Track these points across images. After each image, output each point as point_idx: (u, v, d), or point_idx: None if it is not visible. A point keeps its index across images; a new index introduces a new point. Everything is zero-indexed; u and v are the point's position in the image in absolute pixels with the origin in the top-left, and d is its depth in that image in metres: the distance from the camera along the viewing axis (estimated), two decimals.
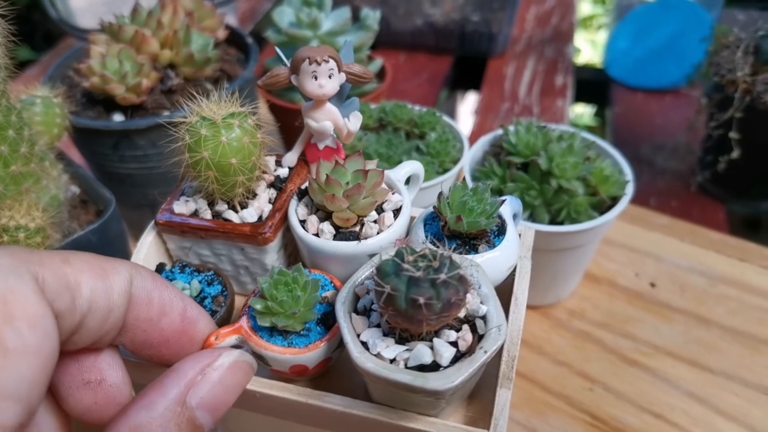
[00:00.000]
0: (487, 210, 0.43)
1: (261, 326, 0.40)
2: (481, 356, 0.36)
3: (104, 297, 0.30)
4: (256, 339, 0.40)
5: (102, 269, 0.31)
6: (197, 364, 0.33)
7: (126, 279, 0.32)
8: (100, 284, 0.30)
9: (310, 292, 0.40)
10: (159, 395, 0.31)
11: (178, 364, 0.33)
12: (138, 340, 0.34)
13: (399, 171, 0.49)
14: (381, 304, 0.35)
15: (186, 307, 0.36)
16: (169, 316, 0.34)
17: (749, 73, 0.84)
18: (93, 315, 0.30)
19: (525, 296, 0.44)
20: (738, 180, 0.92)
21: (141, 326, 0.33)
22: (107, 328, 0.31)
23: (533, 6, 1.49)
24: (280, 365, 0.40)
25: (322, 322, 0.41)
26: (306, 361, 0.40)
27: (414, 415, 0.38)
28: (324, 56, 0.43)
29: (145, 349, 0.35)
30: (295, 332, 0.40)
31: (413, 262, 0.35)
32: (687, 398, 0.66)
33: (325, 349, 0.40)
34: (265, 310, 0.39)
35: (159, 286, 0.34)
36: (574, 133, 0.67)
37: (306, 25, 0.78)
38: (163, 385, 0.32)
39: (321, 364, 0.41)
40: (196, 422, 0.31)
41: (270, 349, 0.39)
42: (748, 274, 0.79)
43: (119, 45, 0.69)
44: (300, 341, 0.40)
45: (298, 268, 0.41)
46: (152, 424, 0.30)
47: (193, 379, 0.32)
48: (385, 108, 0.75)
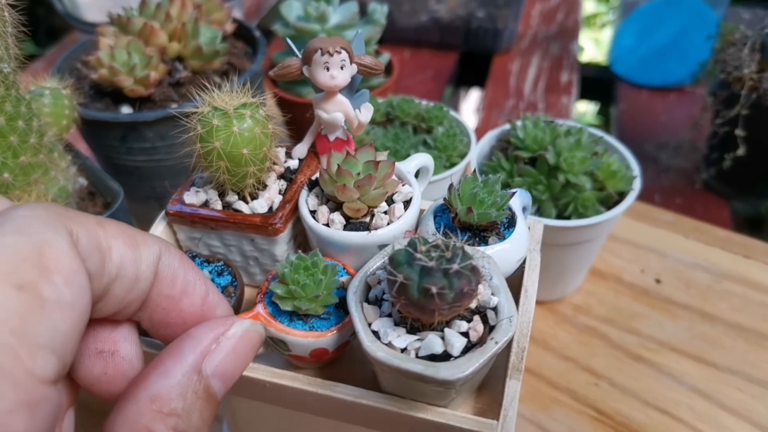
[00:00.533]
0: (497, 202, 0.43)
1: (280, 312, 0.41)
2: (492, 347, 0.36)
3: (133, 266, 0.30)
4: (276, 324, 0.40)
5: (134, 239, 0.30)
6: (211, 332, 0.33)
7: (155, 252, 0.31)
8: (130, 253, 0.30)
9: (330, 276, 0.40)
10: (175, 362, 0.31)
11: (192, 331, 0.33)
12: (156, 318, 0.33)
13: (409, 163, 0.49)
14: (393, 294, 0.35)
15: (208, 291, 0.35)
16: (190, 298, 0.34)
17: (756, 70, 0.84)
18: (120, 282, 0.29)
19: (535, 289, 0.44)
20: (743, 177, 0.92)
21: (162, 303, 0.33)
22: (131, 298, 0.31)
23: (538, 2, 1.49)
24: (301, 349, 0.40)
25: (340, 305, 0.42)
26: (327, 345, 0.40)
27: (424, 406, 0.39)
28: (336, 47, 0.43)
29: (162, 328, 0.34)
30: (316, 316, 0.41)
31: (426, 252, 0.35)
32: (692, 393, 0.67)
33: (346, 331, 0.41)
34: (286, 294, 0.40)
35: (185, 266, 0.34)
36: (582, 128, 0.67)
37: (314, 19, 0.78)
38: (179, 352, 0.31)
39: (340, 348, 0.42)
40: (211, 390, 0.31)
41: (292, 333, 0.40)
42: (752, 271, 0.79)
43: (128, 37, 0.69)
44: (321, 325, 0.41)
45: (315, 254, 0.41)
46: (171, 392, 0.29)
47: (208, 347, 0.32)
48: (392, 102, 0.75)
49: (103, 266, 0.28)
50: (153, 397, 0.29)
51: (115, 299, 0.30)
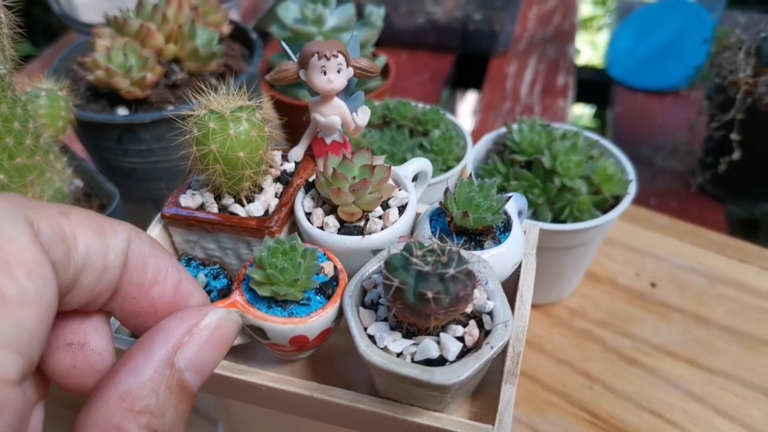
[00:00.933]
0: (493, 206, 0.43)
1: (258, 298, 0.39)
2: (488, 352, 0.36)
3: (100, 255, 0.29)
4: (254, 311, 0.39)
5: (100, 226, 0.29)
6: (183, 323, 0.31)
7: (124, 239, 0.30)
8: (96, 241, 0.28)
9: (309, 260, 0.39)
10: (146, 358, 0.29)
11: (164, 323, 0.31)
12: (126, 308, 0.32)
13: (407, 168, 0.49)
14: (389, 298, 0.35)
15: (181, 279, 0.34)
16: (161, 286, 0.33)
17: (751, 74, 0.84)
18: (88, 272, 0.28)
19: (530, 293, 0.44)
20: (738, 181, 0.92)
21: (132, 292, 0.32)
22: (101, 288, 0.30)
23: (535, 5, 1.50)
24: (279, 337, 0.39)
25: (321, 291, 0.40)
26: (307, 331, 0.39)
27: (419, 410, 0.39)
28: (333, 51, 0.43)
29: (133, 318, 0.33)
30: (295, 301, 0.39)
31: (422, 257, 0.35)
32: (686, 397, 0.67)
33: (327, 317, 0.39)
34: (264, 279, 0.38)
35: (156, 253, 0.33)
36: (578, 132, 0.67)
37: (311, 21, 0.78)
38: (149, 347, 0.30)
39: (321, 336, 0.40)
40: (185, 383, 0.30)
41: (270, 320, 0.38)
42: (747, 275, 0.80)
43: (124, 39, 0.69)
44: (301, 311, 0.39)
45: (294, 237, 0.40)
46: (142, 389, 0.28)
47: (180, 339, 0.30)
48: (389, 105, 0.76)
49: (69, 257, 0.27)
50: (123, 395, 0.28)
51: (84, 290, 0.29)
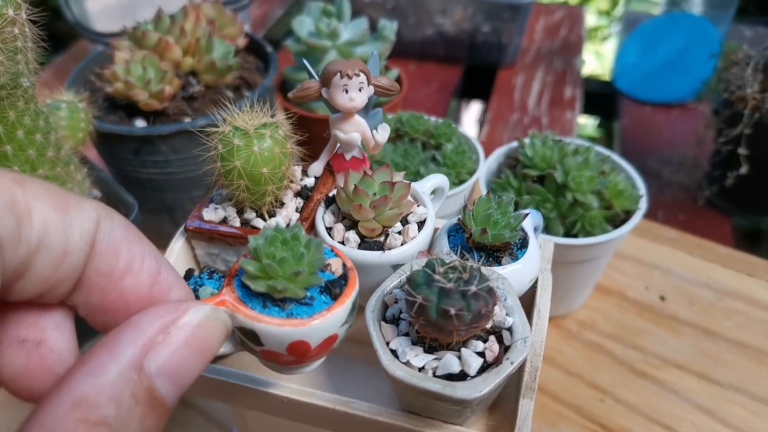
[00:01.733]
0: (511, 223, 0.44)
1: (251, 296, 0.33)
2: (508, 367, 0.37)
3: (60, 234, 0.24)
4: (246, 310, 0.32)
5: (63, 201, 0.25)
6: (158, 318, 0.26)
7: (91, 219, 0.26)
8: (56, 217, 0.24)
9: (314, 252, 0.33)
10: (110, 357, 0.24)
11: (135, 318, 0.26)
12: (93, 302, 0.27)
13: (425, 183, 0.50)
14: (412, 314, 0.36)
15: (160, 269, 0.29)
16: (135, 276, 0.28)
17: (759, 90, 0.85)
18: (44, 254, 0.24)
19: (547, 309, 0.45)
20: (745, 195, 0.93)
21: (100, 282, 0.27)
22: (61, 275, 0.25)
23: (542, 17, 1.51)
24: (275, 343, 0.32)
25: (326, 290, 0.34)
26: (308, 336, 0.32)
27: (440, 423, 0.39)
28: (355, 70, 0.44)
29: (100, 314, 0.28)
30: (295, 300, 0.33)
31: (444, 274, 0.36)
32: (695, 410, 0.67)
33: (333, 320, 0.33)
34: (259, 273, 0.32)
35: (131, 238, 0.28)
36: (590, 147, 0.68)
37: (325, 35, 0.79)
38: (115, 345, 0.25)
39: (325, 343, 0.33)
40: (156, 393, 0.25)
41: (264, 321, 0.31)
42: (755, 289, 0.80)
43: (143, 52, 0.71)
44: (302, 311, 0.33)
45: (297, 226, 0.34)
46: (101, 395, 0.23)
47: (153, 339, 0.25)
48: (401, 118, 0.77)
49: (19, 232, 0.23)
50: (77, 401, 0.23)
51: (39, 276, 0.25)
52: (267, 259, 0.32)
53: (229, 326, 0.30)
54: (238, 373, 0.43)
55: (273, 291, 0.32)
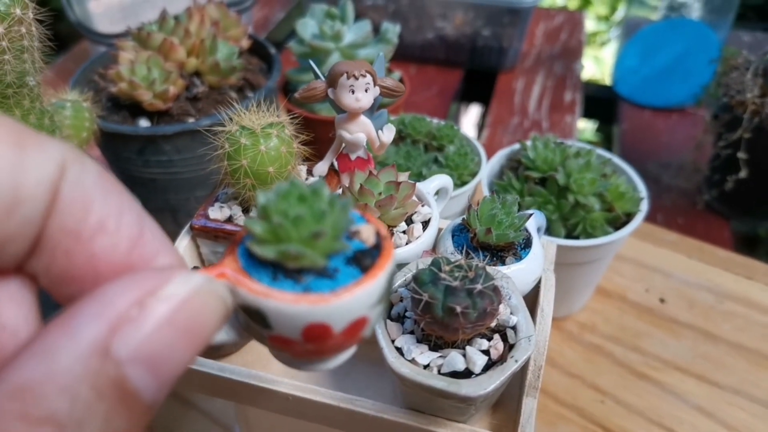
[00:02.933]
0: (515, 223, 0.44)
1: (258, 266, 0.25)
2: (512, 365, 0.37)
3: (8, 176, 0.19)
4: (251, 284, 0.24)
5: (17, 136, 0.19)
6: (132, 289, 0.20)
7: (55, 162, 0.20)
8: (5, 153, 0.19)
9: (339, 211, 0.25)
10: (63, 336, 0.18)
11: (102, 288, 0.20)
12: (56, 269, 0.21)
13: (429, 184, 0.50)
14: (418, 312, 0.36)
15: (144, 231, 0.23)
16: (110, 237, 0.22)
17: (758, 94, 0.85)
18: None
19: (551, 308, 0.45)
20: (744, 199, 0.93)
21: (64, 243, 0.21)
22: (10, 231, 0.20)
23: (542, 22, 1.52)
24: (288, 325, 0.24)
25: (354, 261, 0.26)
26: (330, 318, 0.24)
27: (444, 421, 0.40)
28: (361, 71, 0.45)
29: (65, 284, 0.22)
30: (314, 271, 0.25)
31: (450, 272, 0.36)
32: (695, 412, 0.68)
33: (362, 297, 0.25)
34: (268, 235, 0.24)
35: (107, 189, 0.22)
36: (591, 150, 0.69)
37: (329, 38, 0.80)
38: (72, 320, 0.19)
39: (351, 329, 0.25)
40: (127, 385, 0.19)
41: (274, 296, 0.24)
42: (754, 292, 0.81)
43: (147, 52, 0.71)
44: (322, 285, 0.24)
45: (320, 181, 0.28)
46: (48, 384, 0.17)
47: (124, 314, 0.19)
48: (404, 120, 0.77)
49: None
50: (16, 391, 0.17)
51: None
52: (278, 216, 0.24)
53: (228, 303, 0.23)
54: (242, 371, 0.43)
55: (285, 258, 0.24)
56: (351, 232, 0.27)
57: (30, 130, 0.20)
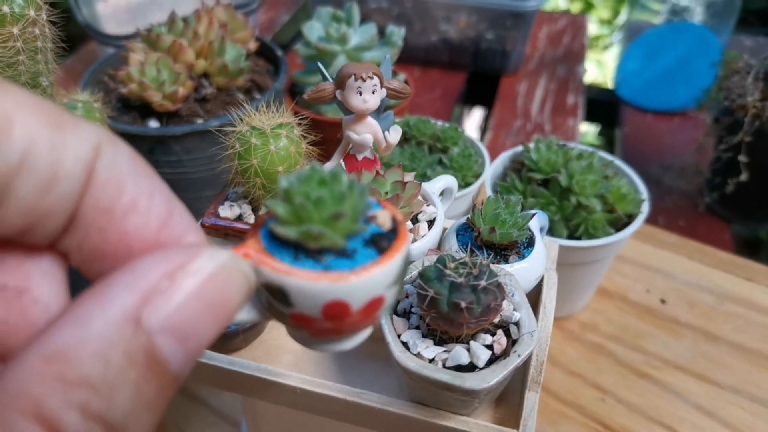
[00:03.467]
0: (518, 222, 0.45)
1: (280, 247, 0.26)
2: (515, 359, 0.38)
3: (49, 154, 0.20)
4: (274, 263, 0.26)
5: (57, 118, 0.20)
6: (162, 263, 0.21)
7: (91, 144, 0.21)
8: (46, 134, 0.20)
9: (357, 195, 0.27)
10: (98, 305, 0.19)
11: (133, 262, 0.21)
12: (89, 245, 0.23)
13: (434, 184, 0.51)
14: (424, 307, 0.38)
15: (173, 211, 0.24)
16: (141, 216, 0.23)
17: (759, 98, 0.86)
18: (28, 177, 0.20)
19: (553, 305, 0.46)
20: (745, 202, 0.94)
21: (98, 221, 0.22)
22: (48, 206, 0.21)
23: (545, 26, 1.53)
24: (309, 302, 0.26)
25: (372, 244, 0.27)
26: (350, 295, 0.26)
27: (448, 414, 0.41)
28: (369, 73, 0.46)
29: (97, 261, 0.23)
30: (334, 251, 0.27)
31: (455, 269, 0.38)
32: (695, 411, 0.69)
33: (379, 276, 0.26)
34: (290, 216, 0.26)
35: (138, 171, 0.23)
36: (593, 152, 0.70)
37: (335, 40, 0.81)
38: (106, 291, 0.20)
39: (369, 307, 0.27)
40: (158, 354, 0.20)
41: (295, 274, 0.25)
42: (754, 293, 0.82)
43: (157, 54, 0.72)
44: (342, 264, 0.26)
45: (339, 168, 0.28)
46: (83, 348, 0.18)
47: (155, 286, 0.20)
48: (408, 122, 0.78)
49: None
50: (53, 355, 0.18)
51: (22, 205, 0.20)
52: (300, 197, 0.26)
53: (251, 281, 0.24)
54: (252, 365, 0.44)
55: (307, 238, 0.26)
56: (368, 217, 0.28)
57: (67, 112, 0.21)
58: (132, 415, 0.19)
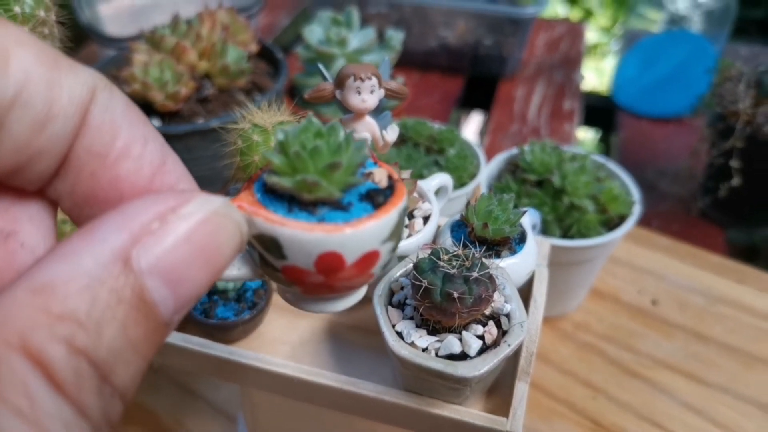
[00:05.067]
0: (510, 219, 0.47)
1: (274, 200, 0.26)
2: (505, 349, 0.40)
3: (44, 92, 0.20)
4: (267, 214, 0.25)
5: (53, 59, 0.20)
6: (154, 205, 0.20)
7: (87, 85, 0.21)
8: (42, 71, 0.20)
9: (353, 149, 0.27)
10: (87, 243, 0.19)
11: (126, 204, 0.20)
12: (80, 190, 0.23)
13: (430, 182, 0.53)
14: (418, 297, 0.39)
15: (166, 160, 0.24)
16: (134, 162, 0.23)
17: (751, 105, 0.88)
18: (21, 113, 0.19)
19: (543, 299, 0.47)
20: (738, 207, 0.96)
21: (90, 165, 0.22)
22: (41, 145, 0.20)
23: (543, 32, 1.55)
24: (302, 254, 0.25)
25: (368, 198, 0.27)
26: (343, 247, 0.25)
27: (440, 403, 0.42)
28: (367, 73, 0.47)
29: (87, 206, 0.23)
30: (329, 203, 0.26)
31: (448, 261, 0.39)
32: (685, 409, 0.70)
33: (374, 229, 0.26)
34: (286, 166, 0.26)
35: (133, 117, 0.23)
36: (586, 155, 0.72)
37: (335, 43, 0.83)
38: (95, 229, 0.19)
39: (363, 261, 0.26)
40: (146, 296, 0.19)
41: (289, 224, 0.25)
42: (745, 296, 0.83)
43: (161, 54, 0.74)
44: (336, 216, 0.26)
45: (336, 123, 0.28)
46: (71, 282, 0.18)
47: (144, 226, 0.19)
48: (406, 124, 0.80)
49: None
50: (39, 288, 0.18)
51: (14, 141, 0.20)
52: (297, 147, 0.26)
53: (243, 231, 0.23)
54: (250, 354, 0.45)
55: (302, 188, 0.26)
56: (364, 173, 0.28)
57: (64, 55, 0.21)
58: (118, 355, 0.18)
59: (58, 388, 0.17)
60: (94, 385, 0.18)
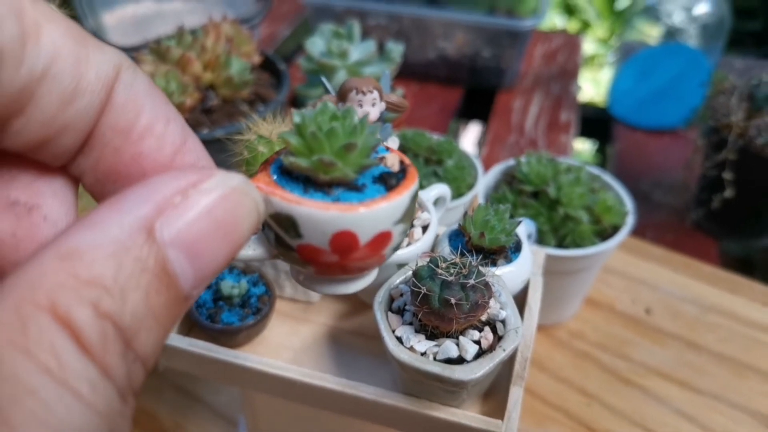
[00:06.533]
0: (506, 228, 0.48)
1: (290, 181, 0.27)
2: (501, 353, 0.41)
3: (73, 66, 0.21)
4: (284, 193, 0.26)
5: (81, 36, 0.21)
6: (177, 180, 0.21)
7: (113, 63, 0.22)
8: (70, 46, 0.20)
9: (367, 132, 0.28)
10: (113, 213, 0.19)
11: (150, 179, 0.21)
12: (103, 166, 0.23)
13: (429, 192, 0.55)
14: (416, 303, 0.41)
15: (186, 138, 0.25)
16: (157, 140, 0.24)
17: (743, 118, 0.90)
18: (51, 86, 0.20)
19: (538, 305, 0.49)
20: (730, 218, 0.98)
21: (114, 141, 0.23)
22: (68, 119, 0.21)
23: (541, 44, 1.57)
24: (317, 232, 0.26)
25: (381, 180, 0.28)
26: (358, 226, 0.26)
27: (438, 405, 0.44)
28: (369, 87, 0.49)
29: (110, 182, 0.24)
30: (344, 184, 0.27)
31: (446, 269, 0.41)
32: (677, 416, 0.71)
33: (387, 210, 0.27)
34: (303, 147, 0.27)
35: (156, 96, 0.24)
36: (581, 166, 0.73)
37: (336, 55, 0.85)
38: (121, 201, 0.20)
39: (376, 241, 0.27)
40: (168, 266, 0.20)
41: (305, 203, 0.26)
42: (737, 305, 0.85)
43: (167, 66, 0.75)
44: (351, 196, 0.27)
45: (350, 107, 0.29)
46: (98, 249, 0.18)
47: (168, 199, 0.20)
48: (405, 135, 0.81)
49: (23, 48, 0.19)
50: (67, 253, 0.18)
51: (43, 114, 0.21)
52: (313, 127, 0.27)
53: (261, 209, 0.24)
54: (254, 358, 0.47)
55: (318, 168, 0.26)
56: (377, 158, 0.29)
57: (90, 34, 0.22)
58: (141, 321, 0.19)
59: (84, 349, 0.17)
60: (119, 349, 0.18)
